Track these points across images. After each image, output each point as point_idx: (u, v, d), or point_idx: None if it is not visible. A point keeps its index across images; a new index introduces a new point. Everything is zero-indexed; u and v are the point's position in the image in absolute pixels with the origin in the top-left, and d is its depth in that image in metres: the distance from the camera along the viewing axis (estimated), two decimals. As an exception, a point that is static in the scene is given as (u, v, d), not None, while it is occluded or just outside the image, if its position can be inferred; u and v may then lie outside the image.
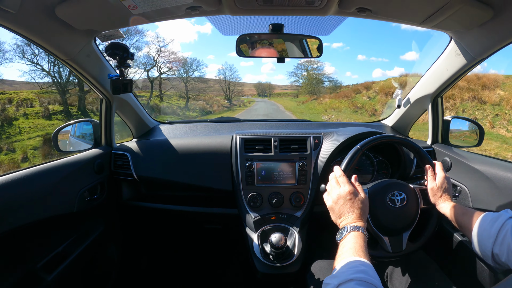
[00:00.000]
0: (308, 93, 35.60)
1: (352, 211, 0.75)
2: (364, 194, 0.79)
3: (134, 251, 1.68)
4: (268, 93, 54.56)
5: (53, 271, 1.05)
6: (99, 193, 1.28)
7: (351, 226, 0.71)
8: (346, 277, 0.55)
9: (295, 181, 1.20)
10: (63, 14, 0.87)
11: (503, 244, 0.65)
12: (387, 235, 0.87)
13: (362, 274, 0.55)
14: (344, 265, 0.60)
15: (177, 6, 0.92)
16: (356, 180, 0.82)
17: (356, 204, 0.76)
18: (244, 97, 54.22)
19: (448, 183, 0.87)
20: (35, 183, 0.97)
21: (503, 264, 0.66)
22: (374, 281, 0.55)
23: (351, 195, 0.77)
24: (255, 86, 62.09)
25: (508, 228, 0.65)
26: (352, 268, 0.58)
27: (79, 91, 15.34)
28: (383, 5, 0.92)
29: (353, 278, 0.54)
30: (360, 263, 0.60)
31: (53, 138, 1.23)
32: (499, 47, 0.96)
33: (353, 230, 0.70)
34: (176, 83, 24.47)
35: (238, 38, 1.06)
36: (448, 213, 0.82)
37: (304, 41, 1.10)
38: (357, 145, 0.90)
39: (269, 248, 1.03)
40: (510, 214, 0.69)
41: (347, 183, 0.79)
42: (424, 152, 0.93)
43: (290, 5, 0.92)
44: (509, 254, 0.63)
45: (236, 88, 38.03)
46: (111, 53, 1.09)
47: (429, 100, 1.37)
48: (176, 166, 1.30)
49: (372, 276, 0.56)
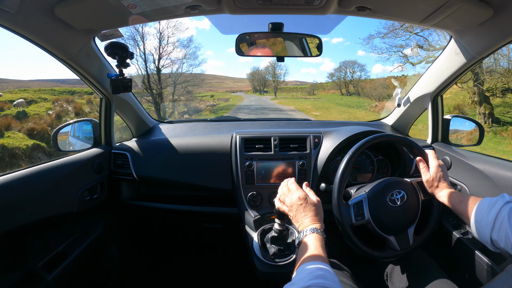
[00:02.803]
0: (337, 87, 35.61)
1: (306, 214, 0.76)
2: (316, 197, 0.81)
3: (134, 250, 1.68)
4: (273, 88, 44.59)
5: (53, 270, 1.05)
6: (99, 193, 1.28)
7: (306, 229, 0.73)
8: (304, 284, 0.54)
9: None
10: (62, 14, 0.87)
11: (501, 230, 0.65)
12: (392, 235, 0.87)
13: (320, 280, 0.54)
14: (302, 271, 0.59)
15: (176, 5, 0.92)
16: (308, 186, 0.85)
17: (308, 208, 0.77)
18: (234, 94, 47.04)
19: (443, 171, 0.88)
20: (35, 183, 0.97)
21: (503, 249, 0.66)
22: (333, 285, 0.54)
23: (302, 200, 0.78)
24: (250, 77, 49.67)
25: (505, 214, 0.65)
26: (309, 274, 0.57)
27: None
28: (383, 4, 0.91)
29: (311, 284, 0.53)
30: (317, 268, 0.59)
31: (53, 138, 1.23)
32: (499, 46, 0.96)
33: (311, 232, 0.71)
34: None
35: (237, 37, 1.06)
36: (446, 202, 0.82)
37: (304, 40, 1.10)
38: (348, 152, 0.92)
39: (269, 245, 1.03)
40: (506, 199, 0.69)
41: (298, 189, 0.82)
42: (414, 144, 0.93)
43: (289, 4, 0.92)
44: (507, 240, 0.63)
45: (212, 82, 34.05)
46: (111, 53, 1.09)
47: (429, 99, 1.37)
48: (176, 166, 1.30)
49: (331, 280, 0.55)
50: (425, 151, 0.92)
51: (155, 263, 1.74)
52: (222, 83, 76.90)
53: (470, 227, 0.74)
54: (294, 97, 39.39)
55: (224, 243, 1.78)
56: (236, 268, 1.65)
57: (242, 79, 49.90)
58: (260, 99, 38.45)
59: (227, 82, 79.94)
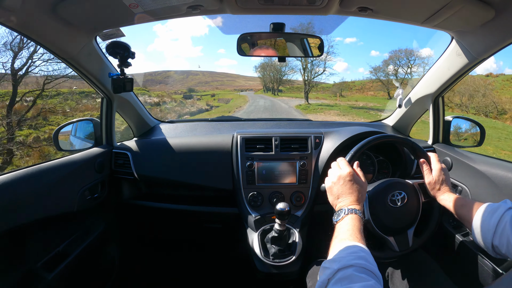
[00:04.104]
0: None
1: (351, 193, 0.75)
2: (364, 178, 0.80)
3: (134, 250, 1.68)
4: (304, 89, 27.54)
5: (54, 270, 1.05)
6: (100, 192, 1.28)
7: (348, 208, 0.71)
8: (346, 263, 0.53)
9: (295, 180, 1.20)
10: (64, 13, 0.87)
11: (503, 236, 0.65)
12: (392, 235, 0.87)
13: (363, 261, 0.54)
14: (344, 249, 0.59)
15: (178, 5, 0.92)
16: (358, 166, 0.83)
17: (355, 187, 0.76)
18: (241, 93, 38.86)
19: (445, 174, 0.87)
20: (36, 182, 0.97)
21: (504, 255, 0.65)
22: (374, 268, 0.54)
23: (351, 177, 0.77)
24: (261, 71, 36.74)
25: (507, 220, 0.65)
26: (352, 254, 0.56)
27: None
28: (385, 5, 0.91)
29: (354, 264, 0.53)
30: (360, 248, 0.58)
31: (54, 137, 1.23)
32: (501, 47, 0.96)
33: (350, 213, 0.69)
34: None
35: (239, 37, 1.06)
36: (448, 205, 0.82)
37: (305, 40, 1.10)
38: (351, 151, 0.90)
39: (270, 245, 1.03)
40: (509, 205, 0.69)
41: (349, 166, 0.80)
42: (418, 146, 0.93)
43: (291, 4, 0.92)
44: (508, 246, 0.63)
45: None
46: (112, 52, 1.09)
47: (430, 100, 1.37)
48: (176, 165, 1.30)
49: (372, 264, 0.55)
50: (428, 154, 0.92)
51: (155, 262, 1.74)
52: (233, 82, 76.42)
53: (472, 231, 0.73)
54: (330, 105, 22.88)
55: (224, 243, 1.77)
56: (236, 268, 1.65)
57: (254, 78, 47.83)
58: (273, 104, 24.22)
59: (238, 81, 79.34)
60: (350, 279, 0.50)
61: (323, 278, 0.54)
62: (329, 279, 0.53)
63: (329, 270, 0.54)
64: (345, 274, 0.51)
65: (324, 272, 0.55)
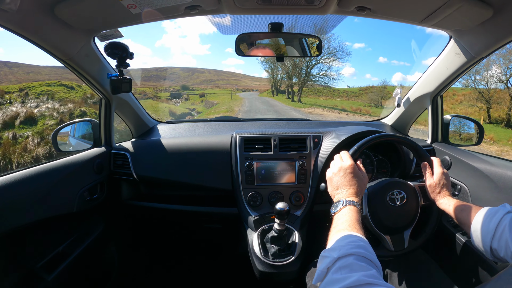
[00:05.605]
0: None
1: (351, 185, 0.76)
2: (365, 173, 0.81)
3: (134, 250, 1.68)
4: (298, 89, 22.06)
5: (53, 271, 1.05)
6: (99, 193, 1.28)
7: (346, 200, 0.71)
8: (346, 251, 0.53)
9: (295, 180, 1.20)
10: (62, 14, 0.87)
11: (501, 239, 0.65)
12: (388, 234, 0.87)
13: (362, 250, 0.54)
14: (342, 238, 0.59)
15: (176, 5, 0.92)
16: (361, 163, 0.84)
17: (355, 180, 0.77)
18: (243, 93, 36.52)
19: (446, 179, 0.87)
20: (35, 183, 0.97)
21: (502, 259, 0.66)
22: (374, 258, 0.54)
23: (352, 169, 0.78)
24: (270, 69, 30.74)
25: (505, 223, 0.65)
26: (351, 243, 0.56)
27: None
28: (383, 4, 0.91)
29: (353, 252, 0.53)
30: (359, 238, 0.58)
31: (53, 138, 1.23)
32: (499, 46, 0.96)
33: (348, 204, 0.70)
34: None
35: (237, 37, 1.06)
36: (447, 209, 0.82)
37: (304, 40, 1.10)
38: (353, 147, 0.89)
39: (269, 245, 1.03)
40: (507, 208, 0.69)
41: (351, 159, 0.81)
42: (422, 149, 0.93)
43: (289, 4, 0.92)
44: (507, 249, 0.63)
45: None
46: (110, 53, 1.09)
47: (429, 99, 1.37)
48: (175, 166, 1.30)
49: (371, 253, 0.55)
50: (431, 158, 0.92)
51: (155, 263, 1.74)
52: (239, 81, 76.30)
53: (471, 235, 0.73)
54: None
55: (224, 243, 1.78)
56: (236, 268, 1.65)
57: (261, 79, 46.96)
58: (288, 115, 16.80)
59: (244, 81, 79.19)
60: (350, 268, 0.50)
61: (322, 266, 0.53)
62: (328, 268, 0.52)
63: (328, 259, 0.53)
64: (345, 263, 0.51)
65: (323, 261, 0.54)
